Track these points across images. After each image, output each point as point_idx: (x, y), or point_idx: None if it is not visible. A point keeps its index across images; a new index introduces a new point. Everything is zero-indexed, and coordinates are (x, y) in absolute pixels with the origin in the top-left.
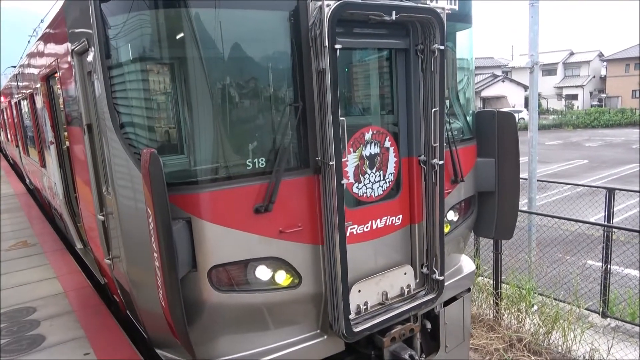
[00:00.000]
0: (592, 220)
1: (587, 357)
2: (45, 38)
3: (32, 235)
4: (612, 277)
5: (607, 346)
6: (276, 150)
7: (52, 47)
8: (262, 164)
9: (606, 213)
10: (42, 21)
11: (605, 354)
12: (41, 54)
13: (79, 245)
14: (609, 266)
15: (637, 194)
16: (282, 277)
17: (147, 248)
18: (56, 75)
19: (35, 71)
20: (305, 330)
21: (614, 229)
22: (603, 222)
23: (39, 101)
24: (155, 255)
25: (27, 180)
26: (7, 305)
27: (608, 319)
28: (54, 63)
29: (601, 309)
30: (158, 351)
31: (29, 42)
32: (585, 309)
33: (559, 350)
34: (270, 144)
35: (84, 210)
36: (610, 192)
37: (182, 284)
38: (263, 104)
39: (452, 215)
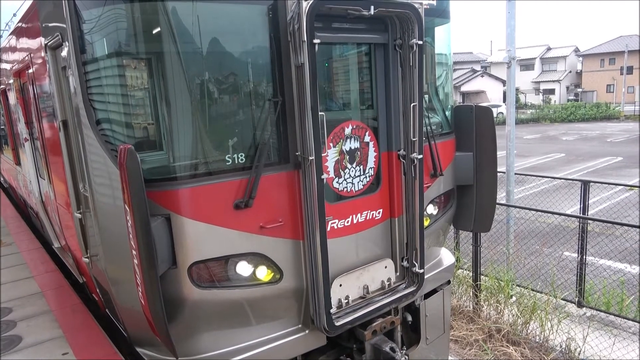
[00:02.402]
0: (568, 212)
1: (563, 346)
2: (18, 32)
3: (8, 235)
4: (588, 268)
5: (583, 335)
6: (256, 146)
7: (25, 42)
8: (242, 160)
9: (582, 205)
10: (14, 15)
11: (581, 343)
12: (14, 49)
13: (56, 244)
14: (584, 257)
15: (611, 186)
16: (263, 273)
17: (126, 246)
18: (30, 70)
19: (7, 66)
20: (287, 325)
21: (589, 221)
22: (579, 214)
23: (12, 97)
24: (134, 252)
25: (1, 179)
26: None
27: (584, 308)
28: (27, 58)
29: (577, 299)
30: (138, 349)
31: (0, 36)
32: (562, 299)
33: (537, 340)
34: (249, 139)
35: (61, 208)
36: (586, 185)
37: (162, 281)
38: (242, 99)
39: (431, 209)
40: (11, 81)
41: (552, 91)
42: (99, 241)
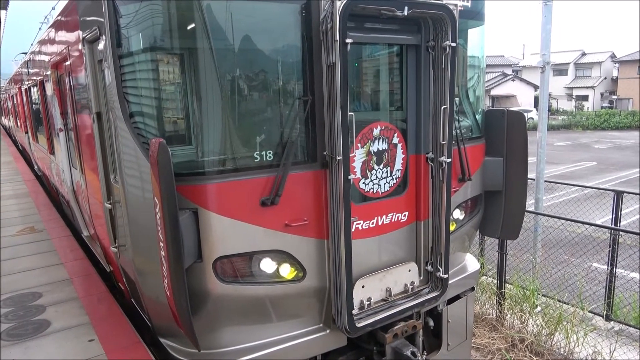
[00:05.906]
0: (599, 222)
1: None
2: (57, 25)
3: (40, 222)
4: (617, 281)
5: (610, 349)
6: (284, 144)
7: (63, 35)
8: (270, 157)
9: (613, 216)
10: (53, 8)
11: (608, 357)
12: (52, 42)
13: (85, 233)
14: (614, 269)
15: None
16: (287, 271)
17: (154, 237)
18: (67, 62)
19: (45, 58)
20: (308, 324)
21: (620, 232)
22: (610, 225)
23: (49, 88)
24: (162, 244)
25: (36, 167)
26: (14, 290)
27: (612, 322)
28: (64, 51)
29: (605, 312)
30: (162, 340)
31: (40, 29)
32: (589, 311)
33: (561, 352)
34: (278, 137)
35: (91, 197)
36: (618, 195)
37: (187, 274)
38: (272, 96)
39: (458, 214)
40: (48, 72)
41: (585, 97)
42: (128, 232)
